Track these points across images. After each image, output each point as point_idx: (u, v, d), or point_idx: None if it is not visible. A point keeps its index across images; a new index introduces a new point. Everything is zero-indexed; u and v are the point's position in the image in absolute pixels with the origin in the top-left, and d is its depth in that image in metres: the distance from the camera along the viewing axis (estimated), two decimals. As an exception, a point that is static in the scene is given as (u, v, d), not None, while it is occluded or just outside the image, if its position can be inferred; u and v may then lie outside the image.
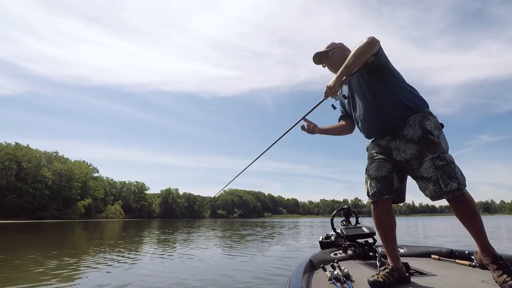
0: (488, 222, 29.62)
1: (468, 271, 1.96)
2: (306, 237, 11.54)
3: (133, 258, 6.27)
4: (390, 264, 1.82)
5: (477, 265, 2.03)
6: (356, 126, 2.17)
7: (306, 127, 2.14)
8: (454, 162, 1.73)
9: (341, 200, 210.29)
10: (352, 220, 3.21)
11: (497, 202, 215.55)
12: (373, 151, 1.99)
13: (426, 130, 1.74)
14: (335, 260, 2.13)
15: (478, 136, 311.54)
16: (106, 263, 5.66)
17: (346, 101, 2.16)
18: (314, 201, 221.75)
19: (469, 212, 1.70)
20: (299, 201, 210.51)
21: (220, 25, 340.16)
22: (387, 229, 1.89)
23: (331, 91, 1.84)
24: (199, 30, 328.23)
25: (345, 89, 2.13)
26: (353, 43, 2.20)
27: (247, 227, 21.79)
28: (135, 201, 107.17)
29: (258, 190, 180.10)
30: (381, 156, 1.92)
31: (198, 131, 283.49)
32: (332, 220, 3.17)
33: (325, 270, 1.93)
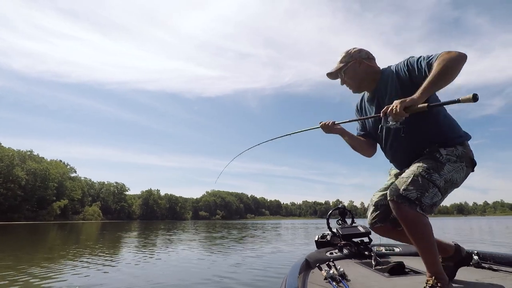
0: (463, 223, 30.96)
1: (463, 269, 1.97)
2: (282, 241, 11.55)
3: (107, 262, 6.04)
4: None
5: (472, 264, 2.05)
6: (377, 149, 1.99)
7: (325, 124, 1.95)
8: (438, 189, 1.51)
9: (323, 201, 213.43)
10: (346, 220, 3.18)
11: (470, 204, 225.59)
12: (387, 179, 1.97)
13: (437, 150, 1.58)
14: (331, 259, 2.10)
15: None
16: (77, 266, 5.41)
17: (371, 123, 1.91)
18: (296, 203, 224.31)
19: (409, 234, 1.47)
20: (282, 203, 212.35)
21: (205, 24, 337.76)
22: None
23: (397, 116, 1.43)
24: (184, 28, 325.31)
25: (371, 109, 1.85)
26: (338, 48, 2.11)
27: (223, 230, 21.58)
28: (115, 202, 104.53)
29: (241, 191, 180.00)
30: (389, 182, 1.91)
31: (181, 131, 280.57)
32: (328, 219, 3.15)
33: (321, 269, 1.90)
